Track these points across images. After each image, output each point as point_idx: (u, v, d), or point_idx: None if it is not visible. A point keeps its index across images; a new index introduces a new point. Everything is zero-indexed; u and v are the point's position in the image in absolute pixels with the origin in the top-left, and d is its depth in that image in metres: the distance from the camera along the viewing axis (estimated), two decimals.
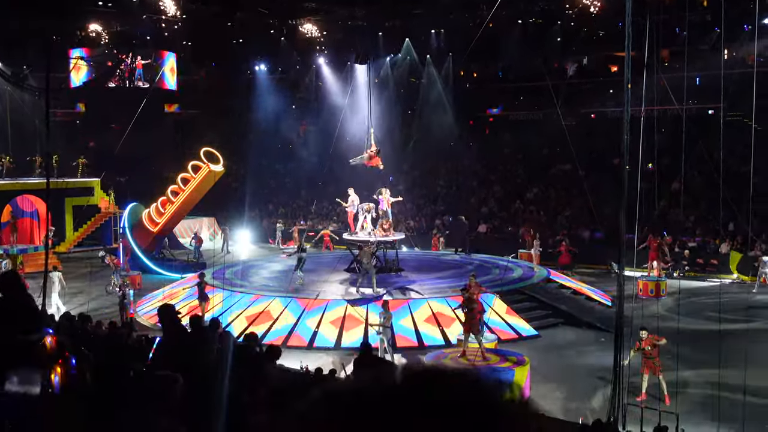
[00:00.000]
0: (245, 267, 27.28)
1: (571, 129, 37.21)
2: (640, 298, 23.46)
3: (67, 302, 22.79)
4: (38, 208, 34.01)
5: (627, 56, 12.28)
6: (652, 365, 14.19)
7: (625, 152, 12.40)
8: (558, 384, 15.97)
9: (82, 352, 4.83)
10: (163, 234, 31.31)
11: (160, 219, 30.18)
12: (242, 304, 21.10)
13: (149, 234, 30.31)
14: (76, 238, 36.43)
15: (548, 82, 38.13)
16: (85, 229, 36.96)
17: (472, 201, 38.42)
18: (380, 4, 30.40)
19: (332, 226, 35.65)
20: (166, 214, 30.12)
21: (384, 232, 24.05)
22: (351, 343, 18.80)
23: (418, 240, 33.41)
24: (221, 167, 30.25)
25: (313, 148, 44.67)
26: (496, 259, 27.93)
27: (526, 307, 21.54)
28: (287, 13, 33.08)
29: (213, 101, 47.92)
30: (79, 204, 35.78)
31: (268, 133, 44.36)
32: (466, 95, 44.67)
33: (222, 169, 30.43)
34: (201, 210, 35.01)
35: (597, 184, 36.10)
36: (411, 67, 43.15)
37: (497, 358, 15.57)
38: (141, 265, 28.90)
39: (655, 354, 14.18)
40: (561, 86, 39.42)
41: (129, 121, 31.39)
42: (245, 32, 35.59)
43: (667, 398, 13.97)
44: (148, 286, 26.69)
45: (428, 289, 22.17)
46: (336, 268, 25.35)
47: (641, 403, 13.25)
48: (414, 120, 45.56)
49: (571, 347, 18.98)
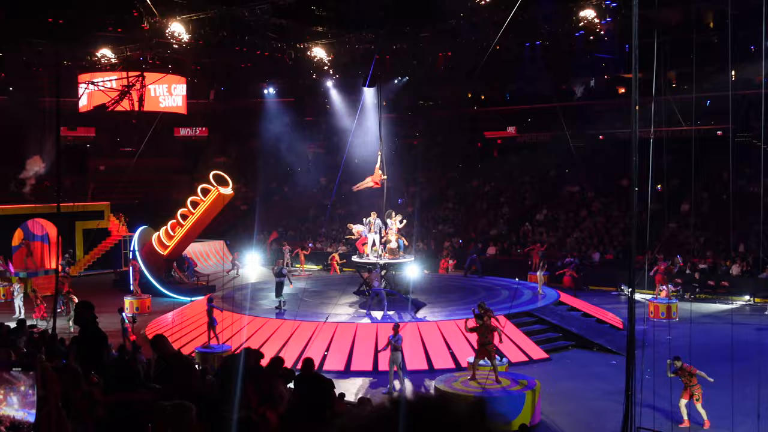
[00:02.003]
0: (254, 290, 27.27)
1: (579, 151, 37.33)
2: (652, 321, 23.37)
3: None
4: (48, 232, 34.21)
5: (634, 78, 12.30)
6: (690, 392, 14.12)
7: (633, 174, 12.39)
8: (569, 408, 15.85)
9: (93, 378, 4.82)
10: (173, 257, 31.36)
11: (170, 242, 30.24)
12: (251, 328, 21.06)
13: (159, 257, 30.36)
14: (86, 261, 36.55)
15: (556, 104, 38.28)
16: (95, 252, 37.11)
17: (481, 223, 38.40)
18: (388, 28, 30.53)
19: (341, 249, 35.67)
20: (175, 237, 30.17)
21: (392, 255, 24.02)
22: (361, 367, 18.76)
23: (427, 262, 33.33)
24: (230, 190, 30.35)
25: (322, 171, 44.82)
26: (505, 281, 27.84)
27: (536, 329, 21.44)
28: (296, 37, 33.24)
29: (222, 124, 48.21)
30: (90, 227, 35.94)
31: (276, 156, 44.53)
32: (473, 118, 44.78)
33: (231, 192, 30.53)
34: (210, 233, 35.09)
35: (606, 205, 36.09)
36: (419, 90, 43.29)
37: (508, 382, 15.46)
38: (151, 288, 28.93)
39: (694, 382, 14.10)
40: (569, 108, 39.50)
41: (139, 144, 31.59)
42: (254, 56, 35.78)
43: (707, 423, 13.90)
44: (157, 308, 26.74)
45: (438, 312, 22.10)
46: (345, 290, 25.31)
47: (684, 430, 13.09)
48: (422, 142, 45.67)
49: (582, 370, 18.85)
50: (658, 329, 20.33)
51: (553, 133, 40.15)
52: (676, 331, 20.15)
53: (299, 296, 24.68)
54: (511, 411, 14.49)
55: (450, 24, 29.97)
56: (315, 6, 29.95)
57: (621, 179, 34.96)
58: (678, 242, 31.11)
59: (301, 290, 26.46)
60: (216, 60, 37.90)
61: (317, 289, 27.46)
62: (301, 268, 35.65)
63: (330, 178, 41.21)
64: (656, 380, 13.68)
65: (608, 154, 37.20)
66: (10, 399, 1.88)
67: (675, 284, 26.00)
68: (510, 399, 14.73)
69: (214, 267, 36.62)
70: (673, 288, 25.57)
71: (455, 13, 28.99)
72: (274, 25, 30.95)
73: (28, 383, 2.04)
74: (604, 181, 37.35)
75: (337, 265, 33.65)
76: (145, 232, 31.24)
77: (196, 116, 46.70)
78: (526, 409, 14.62)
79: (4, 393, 1.87)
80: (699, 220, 31.61)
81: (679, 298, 25.94)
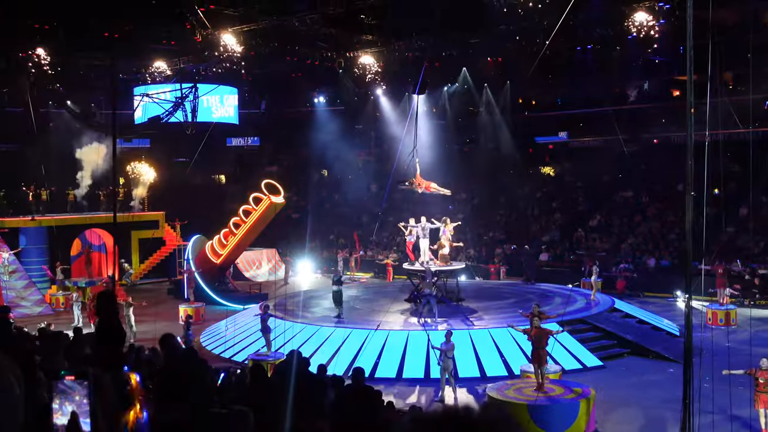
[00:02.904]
0: (306, 297, 27.45)
1: (633, 155, 36.75)
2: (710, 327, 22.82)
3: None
4: (105, 242, 34.99)
5: (689, 80, 12.05)
6: (766, 399, 13.68)
7: (689, 178, 12.13)
8: (625, 417, 15.56)
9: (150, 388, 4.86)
10: (226, 265, 31.75)
11: (223, 251, 30.61)
12: (304, 335, 21.18)
13: (212, 265, 30.76)
14: (142, 270, 37.25)
15: (609, 108, 37.74)
16: (151, 261, 37.80)
17: (533, 229, 38.05)
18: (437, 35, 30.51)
19: (392, 256, 35.70)
20: (228, 245, 30.54)
21: (444, 262, 23.93)
22: (412, 374, 18.71)
23: (478, 269, 33.17)
24: (282, 199, 30.61)
25: (372, 178, 44.94)
26: (558, 288, 27.52)
27: (590, 337, 21.14)
28: (345, 46, 33.49)
29: (273, 134, 48.73)
30: (145, 237, 36.64)
31: (327, 165, 44.81)
32: (525, 123, 44.43)
33: (283, 200, 30.79)
34: (263, 241, 35.45)
35: (661, 210, 35.43)
36: (468, 96, 43.16)
37: (561, 390, 15.25)
38: (205, 296, 29.32)
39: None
40: (622, 112, 38.93)
41: (192, 155, 32.11)
42: (304, 66, 36.16)
43: None
44: (211, 316, 27.08)
45: (490, 319, 21.94)
46: (396, 298, 25.30)
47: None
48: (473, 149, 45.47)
49: (638, 378, 18.50)
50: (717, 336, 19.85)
51: (606, 138, 39.61)
52: (736, 338, 19.64)
53: (351, 304, 24.75)
54: (564, 420, 14.29)
55: (500, 29, 29.80)
56: (364, 15, 30.07)
57: (676, 184, 34.29)
58: (737, 247, 30.37)
59: (353, 298, 26.53)
60: (267, 70, 38.39)
61: (368, 296, 27.51)
62: (353, 276, 35.76)
63: (381, 185, 41.27)
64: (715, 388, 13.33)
65: (663, 159, 36.49)
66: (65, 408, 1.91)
67: (734, 290, 25.37)
68: (563, 407, 14.53)
69: (267, 275, 36.99)
70: (732, 293, 24.95)
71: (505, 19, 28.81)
72: (324, 35, 31.21)
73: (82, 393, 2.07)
74: (659, 185, 36.68)
75: (391, 270, 33.77)
76: (199, 241, 31.70)
77: (247, 126, 47.31)
78: (581, 417, 14.40)
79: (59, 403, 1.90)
80: (758, 224, 30.81)
81: (739, 304, 25.30)
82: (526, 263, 32.85)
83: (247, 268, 36.73)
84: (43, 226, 33.37)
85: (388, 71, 35.06)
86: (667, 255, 31.91)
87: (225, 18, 29.09)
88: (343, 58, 33.95)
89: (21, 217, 33.75)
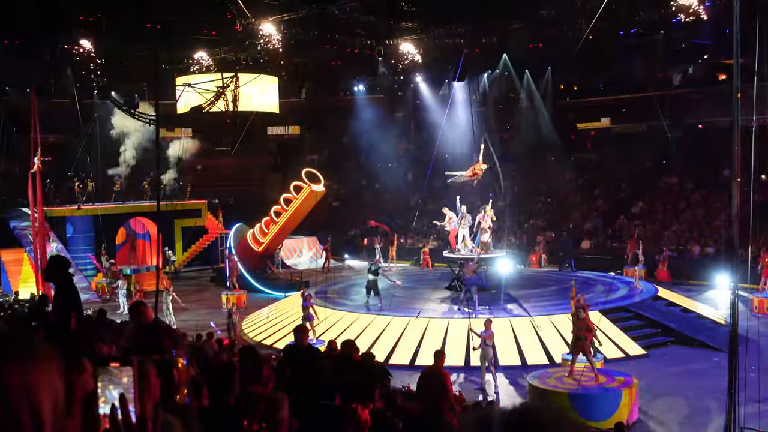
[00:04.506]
0: (347, 285, 27.57)
1: (677, 141, 36.13)
2: (756, 316, 22.45)
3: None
4: (149, 230, 35.55)
5: (735, 63, 11.79)
6: None
7: (735, 163, 11.88)
8: (669, 407, 15.37)
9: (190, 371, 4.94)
10: (268, 253, 32.01)
11: (264, 239, 30.88)
12: (344, 322, 21.30)
13: (254, 253, 31.05)
14: (186, 258, 37.77)
15: (653, 93, 37.13)
16: (194, 249, 38.29)
17: (574, 216, 37.66)
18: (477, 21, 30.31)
19: (431, 244, 35.60)
20: (269, 233, 30.80)
21: (485, 250, 23.82)
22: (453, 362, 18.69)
23: (519, 257, 32.95)
24: (322, 187, 30.75)
25: (412, 166, 44.85)
26: (600, 275, 27.24)
27: (633, 325, 20.89)
28: (385, 34, 33.44)
29: (314, 122, 48.87)
30: (188, 225, 37.10)
31: (367, 153, 44.83)
32: (566, 109, 43.92)
33: (323, 189, 30.93)
34: (303, 229, 35.64)
35: (706, 197, 34.81)
36: (509, 83, 42.78)
37: (604, 379, 15.12)
38: (246, 284, 29.62)
39: None
40: (666, 97, 38.27)
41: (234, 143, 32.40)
42: (344, 54, 36.21)
43: None
44: (253, 304, 27.36)
45: (531, 307, 21.81)
46: (436, 286, 25.27)
47: None
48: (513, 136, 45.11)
49: (682, 367, 18.26)
50: (763, 325, 19.49)
51: (650, 123, 38.98)
52: None
53: (391, 292, 24.80)
54: (607, 409, 14.18)
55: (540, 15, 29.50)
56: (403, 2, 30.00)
57: (722, 169, 33.63)
58: None
59: (392, 286, 26.57)
60: (307, 59, 38.52)
61: (408, 284, 27.53)
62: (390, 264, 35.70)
63: (420, 173, 41.18)
64: (761, 378, 13.11)
65: (708, 144, 35.81)
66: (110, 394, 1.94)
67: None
68: (606, 396, 14.42)
69: (308, 263, 37.24)
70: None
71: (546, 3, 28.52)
72: (364, 23, 31.23)
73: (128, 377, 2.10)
74: (705, 171, 36.00)
75: (429, 259, 33.65)
76: (241, 229, 32.01)
77: (288, 115, 47.48)
78: (623, 406, 14.27)
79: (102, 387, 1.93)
80: None
81: None
82: (562, 249, 32.52)
83: (288, 255, 37.00)
84: (89, 215, 34.02)
85: (427, 58, 34.95)
86: (712, 242, 31.38)
87: (265, 7, 29.26)
88: (382, 46, 33.91)
89: (67, 206, 34.41)
